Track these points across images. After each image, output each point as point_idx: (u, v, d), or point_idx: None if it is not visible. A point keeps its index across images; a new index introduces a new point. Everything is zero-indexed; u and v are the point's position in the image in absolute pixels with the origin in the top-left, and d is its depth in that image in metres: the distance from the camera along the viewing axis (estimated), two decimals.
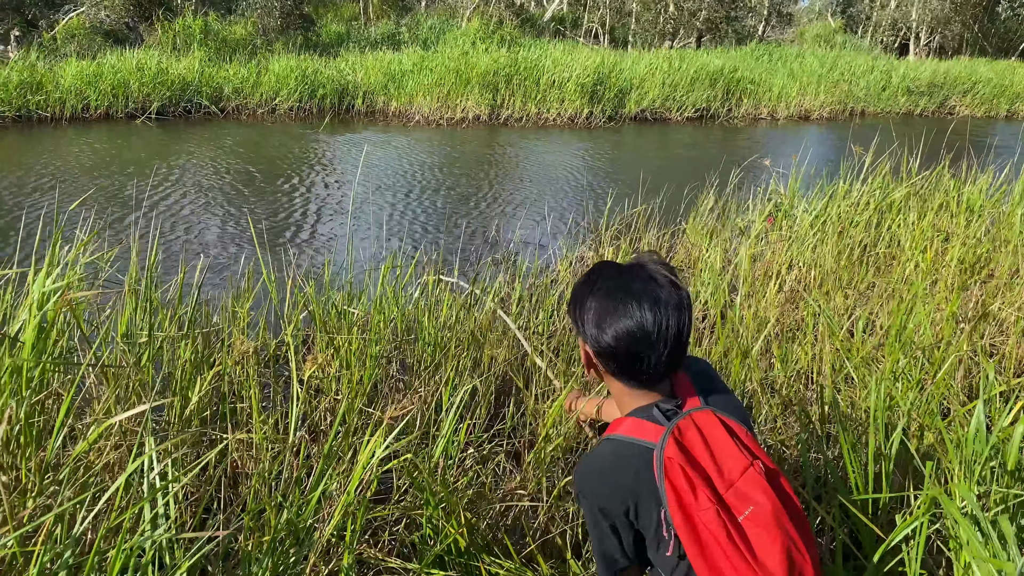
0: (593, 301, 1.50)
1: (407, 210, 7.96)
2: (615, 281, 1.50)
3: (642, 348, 1.45)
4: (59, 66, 12.03)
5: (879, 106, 18.54)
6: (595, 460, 1.52)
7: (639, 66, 15.93)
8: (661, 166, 10.90)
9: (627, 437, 1.50)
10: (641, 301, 1.45)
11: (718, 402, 1.58)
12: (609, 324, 1.46)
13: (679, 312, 1.46)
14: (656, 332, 1.44)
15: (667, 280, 1.49)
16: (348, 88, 13.78)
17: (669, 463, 1.41)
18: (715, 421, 1.47)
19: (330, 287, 3.49)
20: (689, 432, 1.46)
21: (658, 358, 1.46)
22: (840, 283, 4.44)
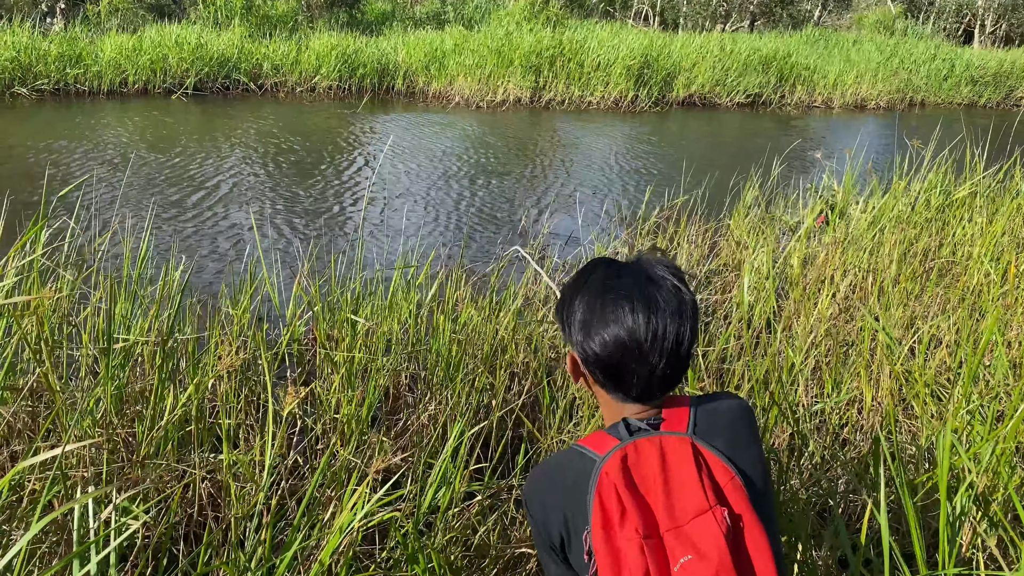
0: (580, 302, 1.32)
1: (438, 197, 7.67)
2: (607, 280, 1.31)
3: (631, 359, 1.26)
4: (99, 40, 11.95)
5: (940, 96, 17.70)
6: (540, 467, 1.37)
7: (689, 49, 15.38)
8: (707, 154, 10.44)
9: (580, 447, 1.30)
10: (634, 304, 1.26)
11: (719, 438, 1.31)
12: (596, 329, 1.28)
13: (679, 320, 1.27)
14: (649, 341, 1.25)
15: (668, 282, 1.30)
16: (389, 68, 13.51)
17: (603, 478, 1.21)
18: (687, 452, 1.24)
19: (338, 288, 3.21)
20: (647, 454, 1.24)
21: (650, 372, 1.26)
22: (904, 294, 4.03)
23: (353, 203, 7.26)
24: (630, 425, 1.29)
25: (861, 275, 4.41)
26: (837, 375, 3.35)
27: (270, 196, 7.21)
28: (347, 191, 7.64)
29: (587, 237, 6.49)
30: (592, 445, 1.28)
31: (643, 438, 1.25)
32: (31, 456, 1.52)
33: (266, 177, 7.83)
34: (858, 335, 3.71)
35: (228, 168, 8.01)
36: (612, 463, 1.21)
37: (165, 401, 2.11)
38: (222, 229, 6.22)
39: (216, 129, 9.77)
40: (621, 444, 1.24)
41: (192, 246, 5.77)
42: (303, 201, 7.16)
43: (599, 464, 1.23)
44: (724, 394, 1.42)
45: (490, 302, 3.54)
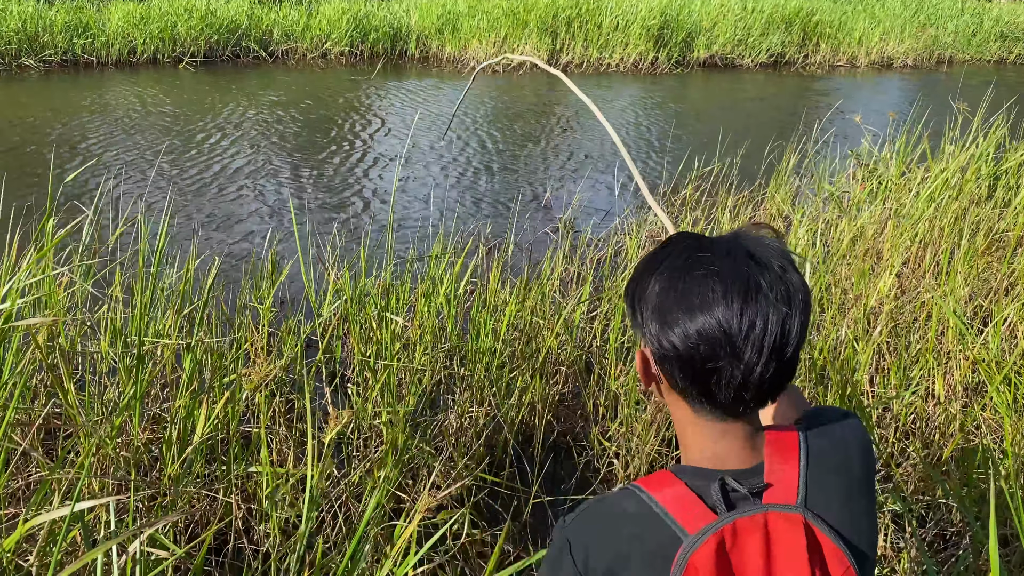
0: (657, 283, 1.02)
1: (457, 169, 7.42)
2: (693, 255, 1.01)
3: (721, 355, 0.96)
4: (106, 8, 11.65)
5: (968, 52, 17.15)
6: (610, 512, 1.03)
7: (709, 7, 14.91)
8: (734, 117, 10.11)
9: (658, 505, 0.99)
10: (728, 287, 0.96)
11: (834, 501, 1.02)
12: (677, 316, 0.98)
13: (786, 310, 0.97)
14: (744, 334, 0.95)
15: (774, 263, 0.98)
16: (401, 32, 13.16)
17: (694, 574, 0.93)
18: (799, 540, 0.95)
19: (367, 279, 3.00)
20: (748, 540, 0.95)
21: (745, 375, 0.97)
22: (967, 271, 3.78)
23: (373, 176, 7.02)
24: (731, 490, 0.99)
25: (916, 249, 4.17)
26: (904, 362, 3.13)
27: (287, 171, 6.98)
28: (367, 165, 7.40)
29: (618, 208, 6.24)
30: (674, 510, 0.99)
31: (744, 518, 0.96)
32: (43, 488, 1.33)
33: (281, 150, 7.59)
34: (923, 317, 3.48)
35: (242, 141, 7.78)
36: (705, 555, 0.94)
37: (194, 417, 1.92)
38: (239, 208, 6.01)
39: (228, 99, 9.52)
40: (717, 525, 0.95)
41: (209, 227, 5.57)
42: (321, 176, 6.94)
43: (687, 550, 0.94)
44: (832, 412, 1.13)
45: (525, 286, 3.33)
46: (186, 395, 2.04)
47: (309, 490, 1.71)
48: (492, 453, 2.76)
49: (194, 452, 1.92)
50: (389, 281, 3.01)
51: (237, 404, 2.17)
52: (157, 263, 2.48)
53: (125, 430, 2.01)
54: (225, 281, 4.19)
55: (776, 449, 1.04)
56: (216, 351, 2.31)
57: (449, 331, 2.90)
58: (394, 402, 2.24)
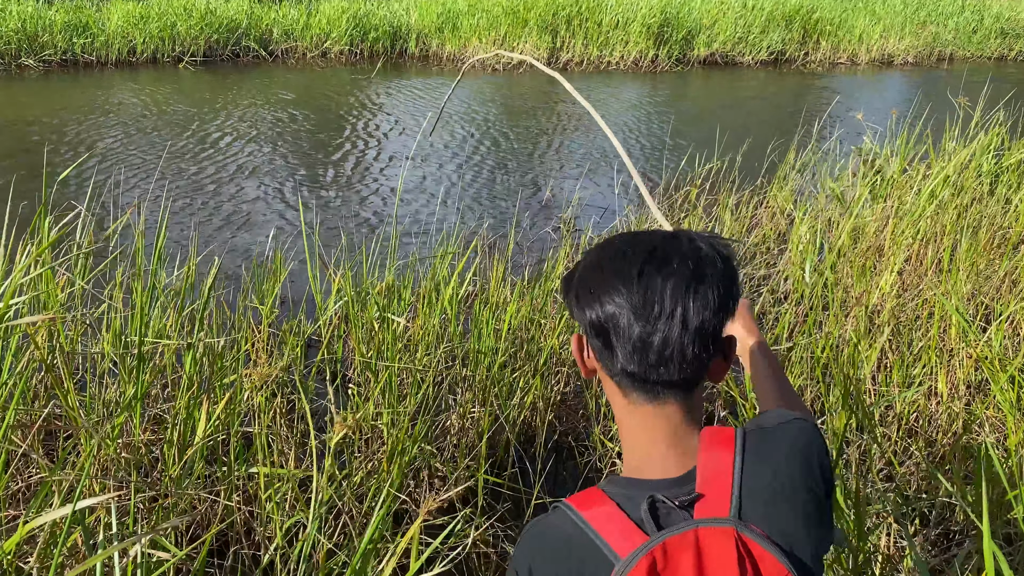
0: (584, 265, 1.07)
1: (458, 168, 7.41)
2: (621, 241, 1.06)
3: (624, 318, 0.98)
4: (105, 7, 11.63)
5: (969, 50, 17.13)
6: (549, 535, 1.02)
7: (710, 5, 14.89)
8: (734, 115, 10.09)
9: (590, 527, 0.98)
10: (645, 260, 0.99)
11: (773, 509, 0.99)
12: (595, 288, 1.02)
13: (694, 284, 0.98)
14: (648, 301, 0.97)
15: (692, 242, 1.02)
16: (401, 31, 13.15)
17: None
18: (731, 554, 0.93)
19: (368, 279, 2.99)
20: (680, 559, 0.93)
21: (643, 338, 0.98)
22: (969, 268, 3.77)
23: (373, 175, 7.01)
24: (656, 505, 0.98)
25: (918, 247, 4.16)
26: (907, 359, 3.12)
27: (287, 170, 6.98)
28: (367, 163, 7.39)
29: (619, 206, 6.23)
30: (604, 529, 0.97)
31: (675, 536, 0.94)
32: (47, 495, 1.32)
33: (281, 149, 7.58)
34: (925, 315, 3.47)
35: (242, 140, 7.77)
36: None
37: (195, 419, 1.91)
38: (239, 206, 6.00)
39: (228, 99, 9.51)
40: (647, 548, 0.93)
41: (208, 226, 5.56)
42: (322, 175, 6.93)
43: (619, 575, 0.92)
44: (778, 415, 1.11)
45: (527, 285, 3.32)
46: (187, 396, 2.03)
47: (316, 496, 1.70)
48: (494, 454, 2.76)
49: (195, 453, 1.91)
50: (391, 281, 3.01)
51: (238, 405, 2.17)
52: (156, 261, 2.47)
53: (126, 430, 2.00)
54: (226, 280, 4.18)
55: (710, 454, 1.02)
56: (217, 351, 2.31)
57: (451, 332, 2.89)
58: (396, 404, 2.23)
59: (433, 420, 2.53)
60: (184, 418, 1.99)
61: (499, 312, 2.92)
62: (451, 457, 2.51)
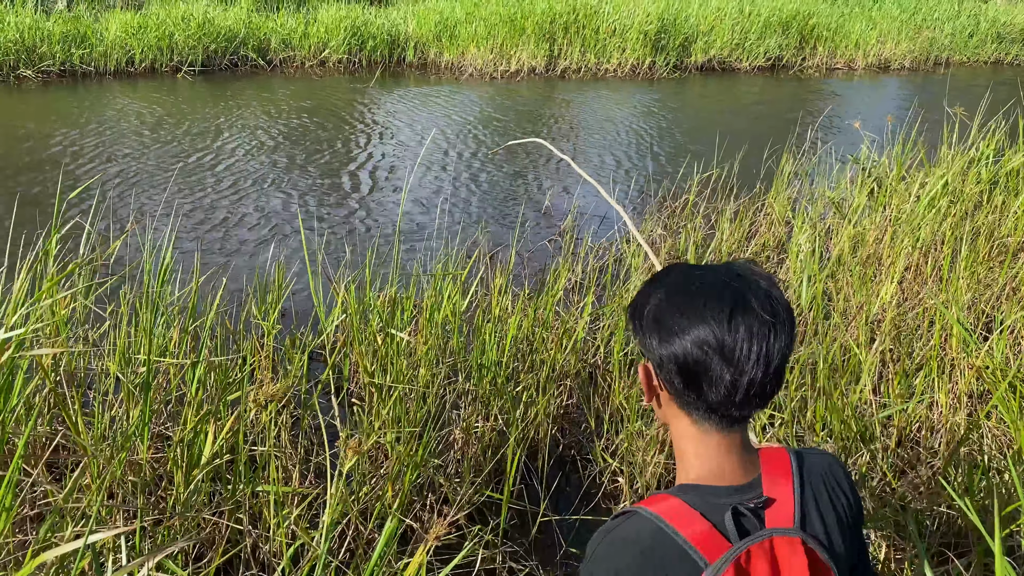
0: (657, 299, 1.14)
1: (458, 176, 7.42)
2: (689, 276, 1.15)
3: (715, 363, 1.07)
4: (103, 18, 11.65)
5: (965, 54, 17.18)
6: (630, 537, 1.07)
7: (706, 11, 14.93)
8: (732, 122, 10.12)
9: (676, 533, 1.05)
10: (723, 303, 1.08)
11: (825, 522, 1.12)
12: (677, 327, 1.09)
13: (771, 320, 1.08)
14: (735, 343, 1.06)
15: (760, 282, 1.12)
16: (399, 39, 13.18)
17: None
18: (802, 559, 1.05)
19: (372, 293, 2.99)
20: (758, 565, 1.03)
21: (734, 378, 1.07)
22: (968, 277, 3.78)
23: (374, 185, 7.02)
24: (738, 513, 1.07)
25: (918, 256, 4.17)
26: (907, 368, 3.12)
27: (287, 180, 6.98)
28: (367, 173, 7.40)
29: (617, 215, 6.25)
30: (690, 535, 1.05)
31: (755, 544, 1.03)
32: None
33: (281, 159, 7.59)
34: (926, 324, 3.47)
35: (241, 150, 7.77)
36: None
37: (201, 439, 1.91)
38: (240, 219, 6.01)
39: (227, 108, 9.52)
40: (734, 554, 1.02)
41: (210, 239, 5.57)
42: (322, 185, 6.94)
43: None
44: (816, 452, 1.22)
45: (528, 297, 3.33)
46: (192, 416, 2.03)
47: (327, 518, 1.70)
48: (499, 469, 2.76)
49: (201, 473, 1.91)
50: (394, 295, 3.01)
51: (244, 424, 2.17)
52: (161, 280, 2.48)
53: (132, 449, 2.01)
54: (227, 295, 4.19)
55: (771, 467, 1.13)
56: (222, 369, 2.31)
57: (454, 345, 2.90)
58: (404, 421, 2.24)
59: (437, 435, 2.53)
60: (191, 439, 1.99)
61: (502, 326, 2.93)
62: (455, 472, 2.51)
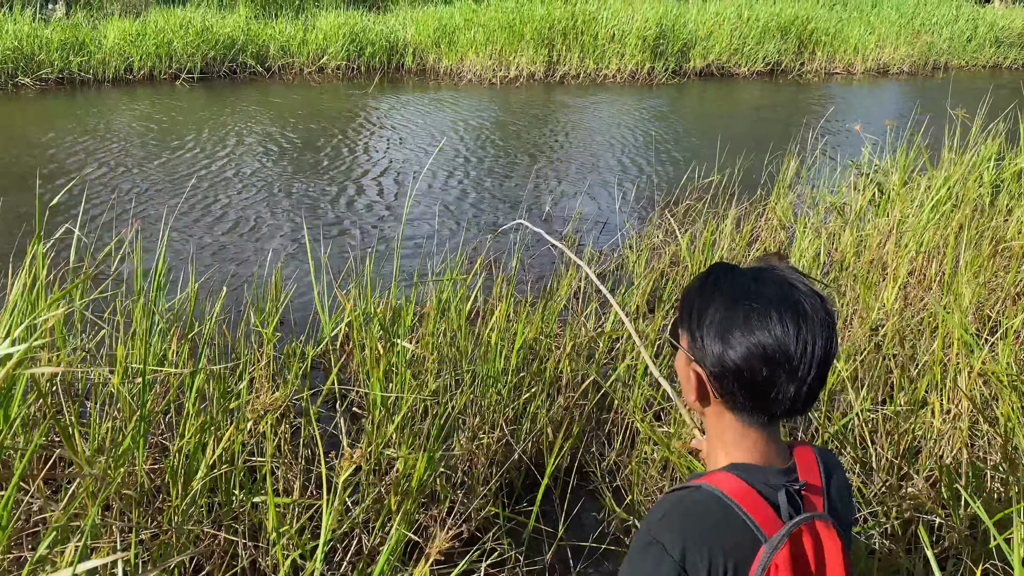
0: (715, 309, 1.17)
1: (456, 182, 7.40)
2: (745, 284, 1.18)
3: (780, 371, 1.12)
4: (102, 26, 11.65)
5: (964, 58, 17.20)
6: (698, 510, 1.15)
7: (705, 16, 14.94)
8: (731, 126, 10.11)
9: (739, 507, 1.13)
10: (782, 311, 1.13)
11: (839, 510, 1.24)
12: (740, 337, 1.13)
13: (826, 330, 1.14)
14: (800, 353, 1.12)
15: (808, 288, 1.17)
16: (398, 46, 13.17)
17: (774, 572, 1.09)
18: (836, 541, 1.13)
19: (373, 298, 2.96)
20: (806, 542, 1.12)
21: (798, 387, 1.13)
22: (973, 281, 3.75)
23: (373, 192, 7.00)
24: (792, 492, 1.15)
25: (921, 260, 4.14)
26: (910, 373, 3.10)
27: (287, 187, 6.96)
28: (367, 180, 7.38)
29: (619, 221, 6.22)
30: (752, 510, 1.12)
31: (803, 524, 1.11)
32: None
33: (281, 166, 7.57)
34: (929, 330, 3.45)
35: (240, 157, 7.75)
36: (784, 555, 1.08)
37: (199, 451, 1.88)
38: (238, 225, 5.98)
39: (225, 115, 9.51)
40: (788, 530, 1.10)
41: (207, 245, 5.54)
42: (322, 192, 6.91)
43: (770, 551, 1.08)
44: (828, 451, 1.31)
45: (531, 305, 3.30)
46: (190, 427, 2.00)
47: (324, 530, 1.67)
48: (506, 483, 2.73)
49: (199, 485, 1.88)
50: (394, 303, 2.98)
51: (242, 435, 2.14)
52: (156, 287, 2.45)
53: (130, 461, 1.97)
54: (226, 303, 4.16)
55: (802, 458, 1.22)
56: (220, 378, 2.28)
57: (460, 353, 2.86)
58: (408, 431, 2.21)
59: (442, 447, 2.50)
60: (189, 450, 1.96)
61: (506, 334, 2.89)
62: (460, 484, 2.48)
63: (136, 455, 1.83)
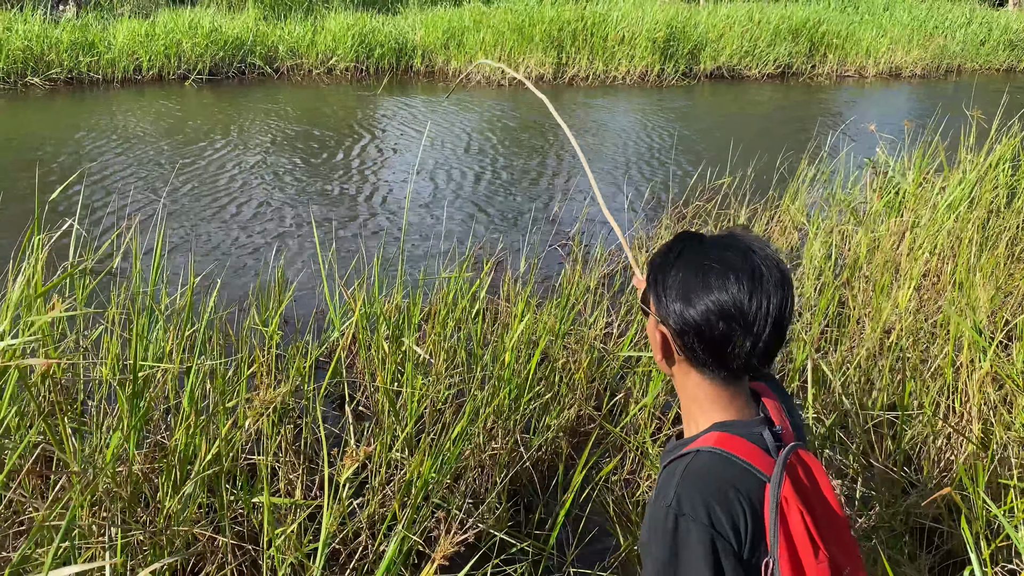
0: (678, 271, 1.27)
1: (465, 185, 7.35)
2: (706, 250, 1.27)
3: (736, 328, 1.21)
4: (111, 26, 11.66)
5: (977, 62, 17.06)
6: (704, 469, 1.22)
7: (716, 19, 14.86)
8: (741, 129, 10.03)
9: (739, 459, 1.22)
10: (739, 273, 1.22)
11: (800, 434, 1.38)
12: (699, 297, 1.22)
13: (781, 290, 1.23)
14: (754, 310, 1.21)
15: (765, 253, 1.26)
16: (406, 47, 13.14)
17: (787, 506, 1.17)
18: (815, 460, 1.26)
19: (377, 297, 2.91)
20: (799, 469, 1.23)
21: (753, 343, 1.22)
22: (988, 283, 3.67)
23: (380, 192, 6.96)
24: (774, 435, 1.26)
25: (936, 262, 4.07)
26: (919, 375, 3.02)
27: (294, 186, 6.93)
28: (374, 180, 7.34)
29: (627, 221, 6.16)
30: (751, 458, 1.22)
31: (793, 454, 1.23)
32: None
33: (287, 165, 7.54)
34: (943, 333, 3.37)
35: (247, 157, 7.73)
36: (788, 487, 1.18)
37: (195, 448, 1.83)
38: (245, 225, 5.95)
39: (233, 116, 9.49)
40: (782, 462, 1.20)
41: (211, 244, 5.51)
42: (329, 192, 6.87)
43: (775, 488, 1.18)
44: (775, 380, 1.44)
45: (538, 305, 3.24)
46: (186, 423, 1.95)
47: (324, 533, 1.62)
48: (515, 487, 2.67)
49: (194, 485, 1.83)
50: (400, 301, 2.93)
51: (240, 432, 2.09)
52: (154, 282, 2.40)
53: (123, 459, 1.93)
54: (229, 300, 4.12)
55: (767, 401, 1.34)
56: (219, 375, 2.23)
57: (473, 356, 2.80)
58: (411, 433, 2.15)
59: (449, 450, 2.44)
60: (183, 447, 1.91)
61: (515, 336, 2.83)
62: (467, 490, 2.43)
63: (129, 453, 1.78)
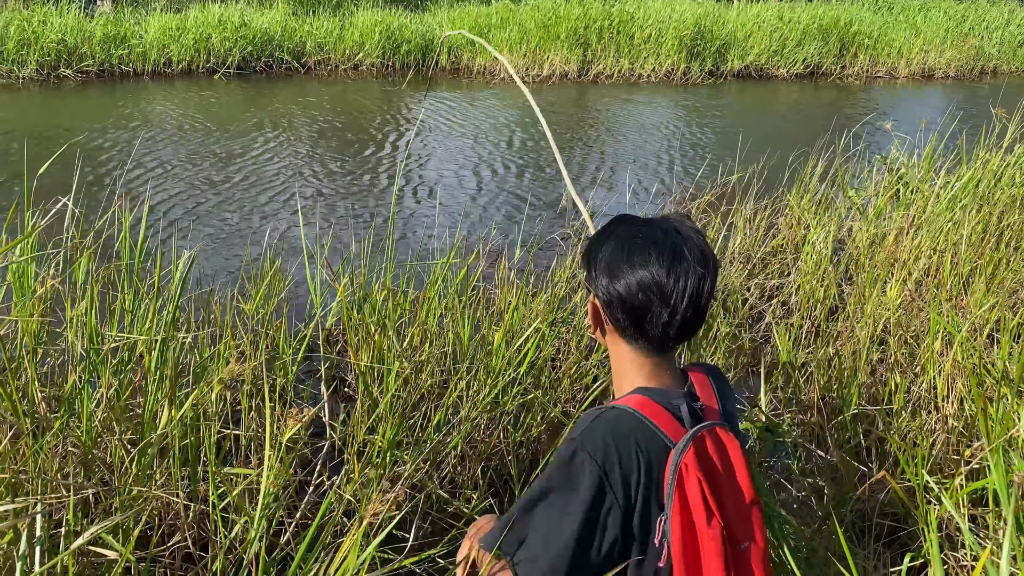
0: (608, 248, 1.39)
1: (484, 177, 7.39)
2: (634, 229, 1.39)
3: (654, 299, 1.32)
4: (144, 20, 11.90)
5: (1015, 63, 16.71)
6: (619, 424, 1.32)
7: (745, 18, 14.74)
8: (764, 128, 9.95)
9: (649, 421, 1.32)
10: (661, 251, 1.33)
11: (731, 420, 1.46)
12: (622, 272, 1.34)
13: (702, 270, 1.33)
14: (672, 286, 1.32)
15: (693, 237, 1.37)
16: (433, 44, 13.22)
17: (685, 472, 1.27)
18: (735, 443, 1.34)
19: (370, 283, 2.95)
20: (709, 445, 1.32)
21: (670, 317, 1.33)
22: (987, 279, 3.62)
23: (391, 182, 7.03)
24: (691, 408, 1.34)
25: (936, 258, 4.02)
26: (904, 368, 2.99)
27: (314, 176, 7.02)
28: (390, 173, 7.41)
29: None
30: (660, 422, 1.31)
31: (704, 430, 1.31)
32: None
33: (308, 160, 7.64)
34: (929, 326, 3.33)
35: (272, 149, 7.84)
36: (691, 456, 1.27)
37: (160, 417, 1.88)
38: (263, 214, 6.04)
39: (260, 109, 9.64)
40: (691, 436, 1.29)
41: (228, 234, 5.61)
42: (343, 182, 6.96)
43: (678, 453, 1.27)
44: (706, 364, 1.51)
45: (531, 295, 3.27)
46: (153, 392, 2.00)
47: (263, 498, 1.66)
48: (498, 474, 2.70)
49: (155, 449, 1.88)
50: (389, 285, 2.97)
51: (208, 402, 2.14)
52: (140, 257, 2.47)
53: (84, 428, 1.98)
54: (225, 280, 4.20)
55: (697, 380, 1.43)
56: (193, 347, 2.29)
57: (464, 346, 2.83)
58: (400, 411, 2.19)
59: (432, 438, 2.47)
60: (148, 416, 1.96)
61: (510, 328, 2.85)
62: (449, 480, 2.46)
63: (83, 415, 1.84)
